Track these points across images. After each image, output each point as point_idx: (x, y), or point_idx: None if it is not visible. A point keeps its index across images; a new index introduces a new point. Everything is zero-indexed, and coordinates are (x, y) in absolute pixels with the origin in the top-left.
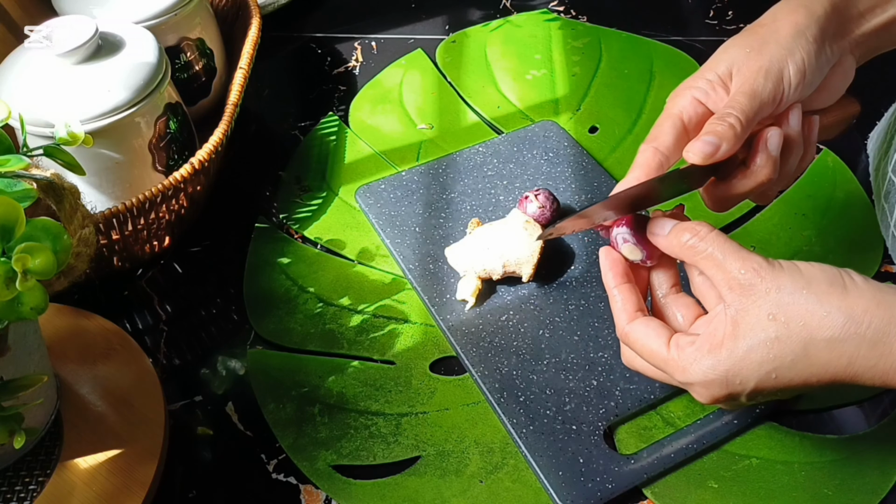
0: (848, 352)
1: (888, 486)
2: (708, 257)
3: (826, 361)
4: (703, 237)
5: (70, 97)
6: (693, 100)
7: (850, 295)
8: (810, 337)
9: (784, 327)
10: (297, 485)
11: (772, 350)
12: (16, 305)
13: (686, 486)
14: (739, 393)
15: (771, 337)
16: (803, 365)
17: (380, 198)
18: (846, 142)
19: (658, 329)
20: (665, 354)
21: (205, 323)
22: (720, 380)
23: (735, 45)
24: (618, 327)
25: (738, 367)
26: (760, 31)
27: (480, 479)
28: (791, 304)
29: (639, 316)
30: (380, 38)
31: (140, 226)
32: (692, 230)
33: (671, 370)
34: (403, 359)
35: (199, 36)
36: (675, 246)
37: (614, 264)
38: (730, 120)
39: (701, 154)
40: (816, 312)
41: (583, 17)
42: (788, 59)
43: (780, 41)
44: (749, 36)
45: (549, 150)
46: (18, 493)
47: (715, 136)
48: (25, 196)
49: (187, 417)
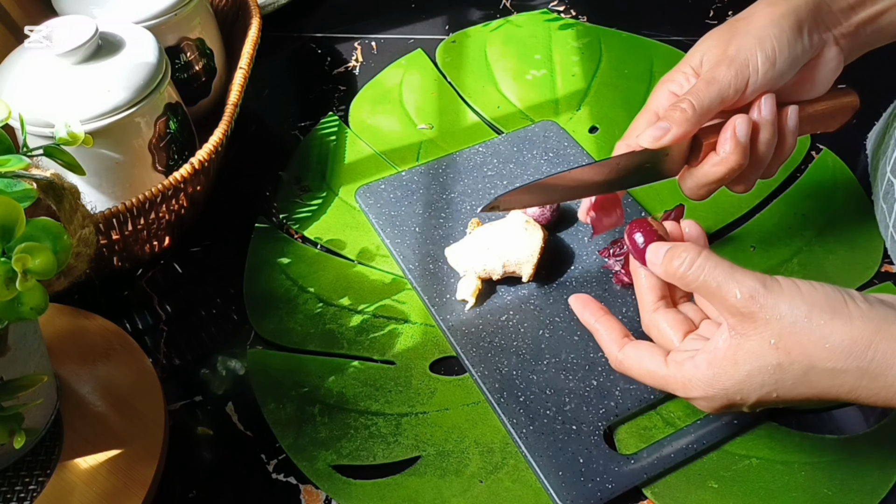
0: (850, 382)
1: (888, 486)
2: (702, 285)
3: (827, 387)
4: (692, 264)
5: (70, 97)
6: (669, 93)
7: (854, 325)
8: (812, 365)
9: (786, 355)
10: (297, 485)
11: (773, 375)
12: (16, 305)
13: (686, 486)
14: (741, 405)
15: (773, 364)
16: (805, 388)
17: (380, 198)
18: (846, 142)
19: (650, 349)
20: (664, 372)
21: (205, 323)
22: (721, 394)
23: (710, 36)
24: (610, 358)
25: (738, 387)
26: (737, 23)
27: (480, 479)
28: (792, 333)
29: (626, 342)
30: (380, 38)
31: (140, 226)
32: (680, 258)
33: (672, 387)
34: (403, 359)
35: (199, 36)
36: (669, 274)
37: (586, 303)
38: (682, 105)
39: (649, 138)
40: (818, 343)
41: (583, 17)
42: (757, 47)
43: (752, 31)
44: (725, 28)
45: (549, 150)
46: (18, 493)
47: (665, 121)
48: (25, 196)
49: (187, 417)
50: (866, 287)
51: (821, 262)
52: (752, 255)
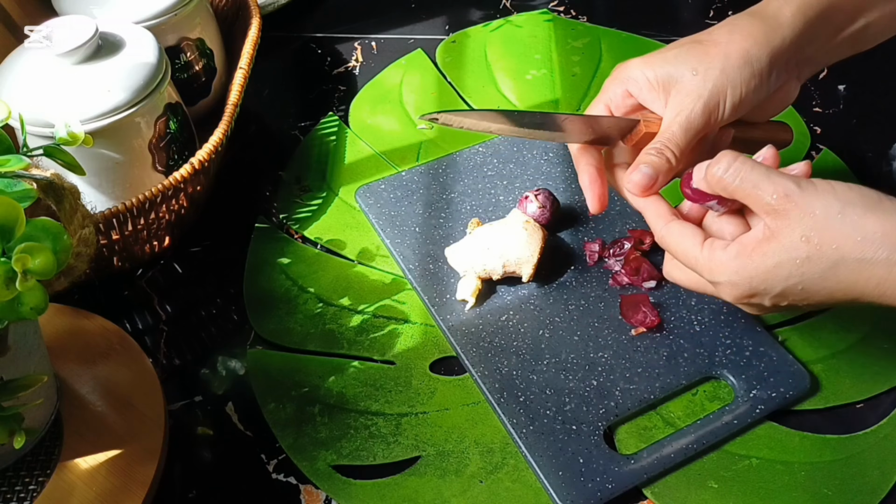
0: (878, 274)
1: (888, 486)
2: (739, 188)
3: (854, 281)
4: (728, 167)
5: (70, 97)
6: (625, 92)
7: (888, 218)
8: (841, 257)
9: (816, 249)
10: (297, 485)
11: (801, 268)
12: (16, 305)
13: (686, 486)
14: (764, 295)
15: (802, 257)
16: (832, 282)
17: (380, 198)
18: (846, 142)
19: (693, 230)
20: (697, 253)
21: (205, 323)
22: (745, 283)
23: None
24: (655, 233)
25: (764, 276)
26: (712, 50)
27: (480, 479)
28: (825, 228)
29: (672, 220)
30: (380, 38)
31: (140, 226)
32: (719, 163)
33: (700, 268)
34: (403, 359)
35: (199, 36)
36: (710, 183)
37: (634, 188)
38: (667, 155)
39: (639, 187)
40: (850, 237)
41: (583, 17)
42: (728, 90)
43: (726, 69)
44: (699, 52)
45: (549, 150)
46: (18, 493)
47: (651, 169)
48: (25, 196)
49: (187, 417)
50: None
51: None
52: None
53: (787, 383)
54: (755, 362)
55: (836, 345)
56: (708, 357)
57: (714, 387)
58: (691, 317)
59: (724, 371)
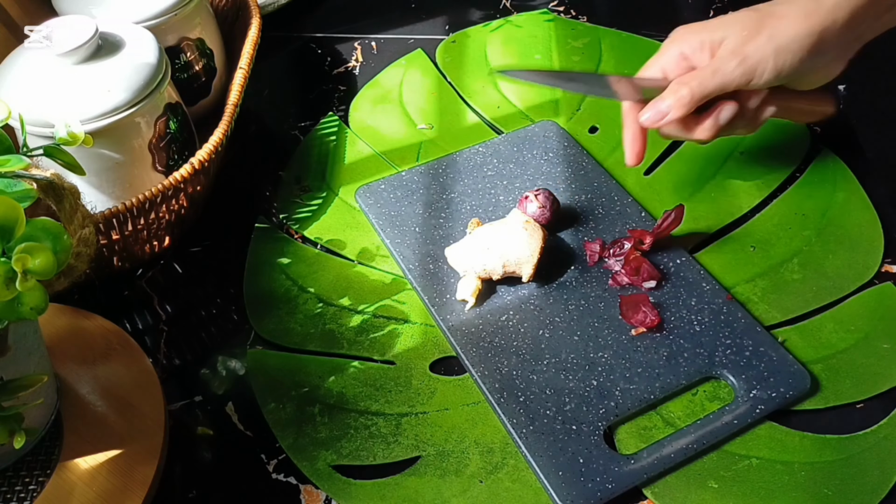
0: None
1: (888, 486)
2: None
3: None
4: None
5: (70, 97)
6: (680, 55)
7: None
8: None
9: None
10: (297, 485)
11: None
12: (16, 305)
13: (686, 486)
14: None
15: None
16: None
17: (380, 198)
18: (846, 142)
19: None
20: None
21: (205, 323)
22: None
23: (739, 19)
24: None
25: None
26: (767, 18)
27: (480, 479)
28: None
29: None
30: (380, 38)
31: (140, 226)
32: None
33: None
34: (403, 359)
35: (199, 36)
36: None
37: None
38: (683, 91)
39: (649, 121)
40: None
41: (583, 17)
42: (772, 57)
43: (776, 37)
44: (754, 16)
45: (549, 150)
46: (18, 493)
47: (664, 105)
48: (25, 196)
49: (187, 417)
50: (866, 287)
51: (821, 262)
52: (752, 255)
53: (787, 383)
54: (755, 362)
55: (836, 345)
56: (708, 357)
57: (714, 387)
58: (691, 317)
59: (724, 371)
